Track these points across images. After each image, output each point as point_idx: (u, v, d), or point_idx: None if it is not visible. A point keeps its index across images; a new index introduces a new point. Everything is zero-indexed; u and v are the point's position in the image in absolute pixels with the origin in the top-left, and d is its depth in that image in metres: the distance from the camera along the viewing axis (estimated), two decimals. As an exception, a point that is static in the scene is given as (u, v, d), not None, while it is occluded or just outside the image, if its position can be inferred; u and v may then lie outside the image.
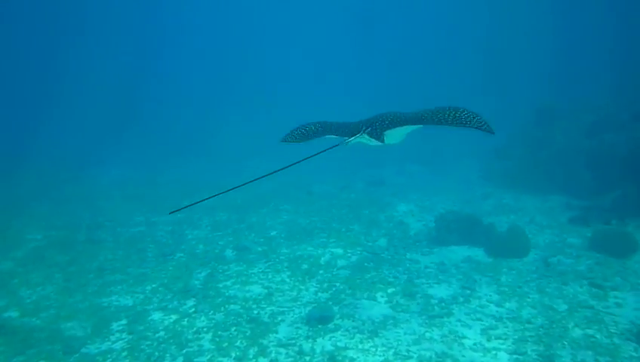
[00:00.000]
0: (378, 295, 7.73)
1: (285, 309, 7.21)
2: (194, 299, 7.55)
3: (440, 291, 7.89)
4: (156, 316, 6.97)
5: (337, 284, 8.14)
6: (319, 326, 6.69)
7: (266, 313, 7.09)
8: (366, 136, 4.65)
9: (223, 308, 7.22)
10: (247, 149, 23.79)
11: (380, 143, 4.67)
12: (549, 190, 14.22)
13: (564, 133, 15.83)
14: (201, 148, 25.07)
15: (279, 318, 6.93)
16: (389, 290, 7.91)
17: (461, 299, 7.57)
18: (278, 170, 4.10)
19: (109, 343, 6.17)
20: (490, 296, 7.70)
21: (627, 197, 11.62)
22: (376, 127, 4.65)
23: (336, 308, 7.24)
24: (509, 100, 25.71)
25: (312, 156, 4.21)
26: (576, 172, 14.04)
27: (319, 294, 7.77)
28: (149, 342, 6.18)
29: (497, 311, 7.14)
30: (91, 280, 8.43)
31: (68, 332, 6.42)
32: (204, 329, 6.54)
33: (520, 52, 36.74)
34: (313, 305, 7.36)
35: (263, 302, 7.44)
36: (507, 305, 7.36)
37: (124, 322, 6.75)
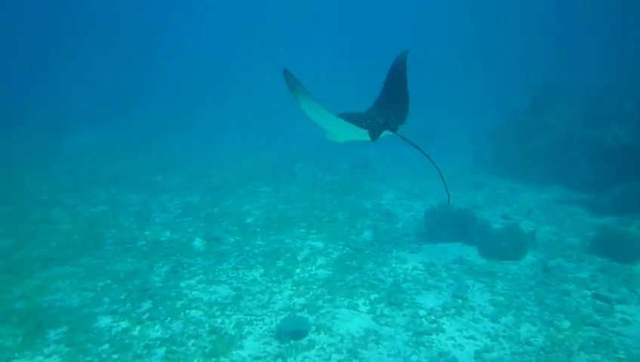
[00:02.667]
0: (360, 302, 6.85)
1: (254, 318, 6.30)
2: (150, 302, 6.59)
3: (429, 299, 7.04)
4: (103, 322, 6.01)
5: (315, 287, 7.24)
6: (291, 342, 5.80)
7: (231, 322, 6.17)
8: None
9: (182, 314, 6.29)
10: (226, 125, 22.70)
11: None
12: (545, 180, 13.45)
13: (562, 120, 14.99)
14: (186, 123, 23.79)
15: (246, 329, 6.02)
16: (373, 296, 7.04)
17: (452, 311, 6.74)
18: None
19: (41, 358, 5.21)
20: (485, 307, 6.88)
21: (631, 193, 10.85)
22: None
23: (312, 318, 6.35)
24: (504, 84, 24.77)
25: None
26: (575, 162, 13.23)
27: (294, 299, 6.86)
28: (88, 359, 5.23)
29: (493, 329, 6.33)
30: (35, 272, 7.41)
31: (-5, 341, 5.44)
32: (157, 343, 5.60)
33: (516, 37, 35.72)
34: (286, 313, 6.46)
35: (229, 308, 6.51)
36: (503, 319, 6.56)
37: (63, 329, 5.78)
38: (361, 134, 4.25)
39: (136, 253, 8.36)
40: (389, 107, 4.53)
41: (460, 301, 7.02)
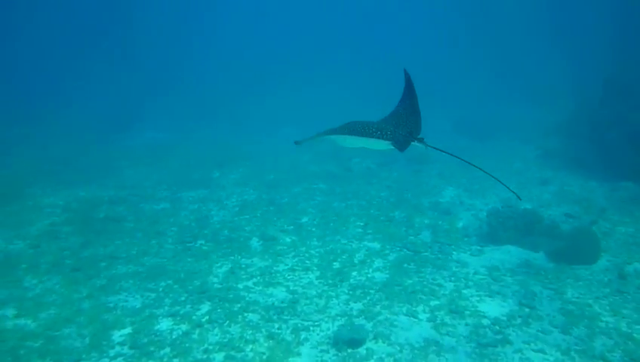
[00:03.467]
0: (419, 309, 6.63)
1: (310, 324, 6.23)
2: (209, 304, 6.67)
3: (493, 307, 6.70)
4: (164, 325, 6.13)
5: (372, 292, 7.08)
6: (348, 351, 5.68)
7: (288, 327, 6.14)
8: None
9: (240, 318, 6.31)
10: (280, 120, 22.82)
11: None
12: (618, 176, 12.50)
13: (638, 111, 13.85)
14: (236, 117, 24.14)
15: (303, 336, 5.96)
16: (432, 303, 6.79)
17: (519, 320, 6.38)
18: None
19: (106, 360, 5.38)
20: (554, 316, 6.47)
21: None
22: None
23: (369, 325, 6.20)
24: (574, 71, 23.28)
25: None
26: (654, 158, 12.22)
27: (351, 304, 6.74)
28: (150, 363, 5.35)
29: (564, 341, 5.93)
30: (102, 271, 7.70)
31: (64, 341, 5.68)
32: (216, 348, 5.65)
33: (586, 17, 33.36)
34: (344, 318, 6.35)
35: (286, 312, 6.48)
36: (575, 331, 6.13)
37: (127, 331, 5.95)
38: (384, 145, 4.86)
39: (195, 252, 8.52)
40: (404, 120, 5.14)
41: (526, 309, 6.64)
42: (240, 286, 7.22)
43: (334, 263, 8.08)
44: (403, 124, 5.12)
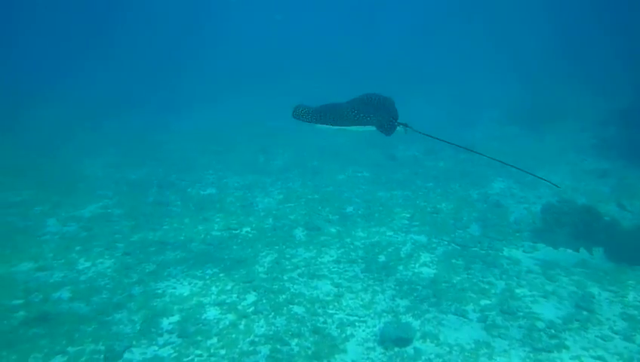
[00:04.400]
0: (469, 308, 6.41)
1: (356, 319, 6.13)
2: (255, 294, 6.68)
3: (548, 309, 6.40)
4: (211, 313, 6.19)
5: (419, 288, 6.90)
6: (395, 350, 5.56)
7: (333, 322, 6.07)
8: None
9: (285, 310, 6.29)
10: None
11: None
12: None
13: None
14: (272, 100, 24.11)
15: (349, 332, 5.88)
16: (483, 302, 6.55)
17: (576, 324, 6.07)
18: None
19: (156, 348, 5.48)
20: (615, 321, 6.12)
21: None
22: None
23: (416, 323, 6.05)
24: (634, 57, 21.85)
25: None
26: None
27: (397, 300, 6.59)
28: (198, 352, 5.40)
29: (626, 349, 5.60)
30: (151, 256, 7.85)
31: (116, 326, 5.82)
32: (262, 340, 5.65)
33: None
34: (390, 315, 6.22)
35: (331, 306, 6.41)
36: (639, 339, 5.77)
37: (176, 319, 6.04)
38: (367, 129, 5.32)
39: (241, 240, 8.56)
40: (378, 107, 5.54)
41: (584, 313, 6.31)
42: (285, 277, 7.20)
43: (380, 256, 7.94)
44: (381, 108, 5.55)
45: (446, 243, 8.44)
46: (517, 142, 15.94)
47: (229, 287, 6.87)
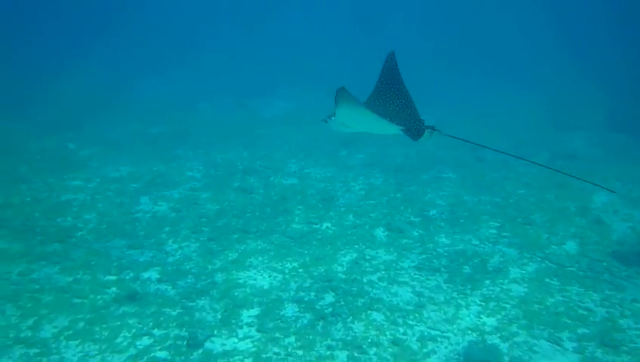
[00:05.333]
0: (564, 335, 5.89)
1: (438, 334, 5.84)
2: (333, 295, 6.58)
3: (657, 348, 5.73)
4: (289, 310, 6.17)
5: (508, 307, 6.46)
6: (480, 373, 5.22)
7: (414, 334, 5.82)
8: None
9: (364, 316, 6.14)
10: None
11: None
12: None
13: None
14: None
15: (430, 347, 5.61)
16: (580, 331, 6.00)
17: (690, 370, 5.38)
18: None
19: (235, 340, 5.54)
20: None
21: None
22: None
23: (504, 346, 5.66)
24: None
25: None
26: None
27: (483, 318, 6.21)
28: (276, 350, 5.39)
29: None
30: (234, 243, 8.00)
31: (198, 313, 5.96)
32: (340, 345, 5.54)
33: None
34: (475, 333, 5.87)
35: (411, 317, 6.16)
36: None
37: (255, 312, 6.08)
38: (392, 129, 5.03)
39: (321, 236, 8.49)
40: (403, 104, 5.32)
41: (700, 357, 5.58)
42: (364, 279, 7.03)
43: (464, 267, 7.54)
44: (405, 108, 5.31)
45: (539, 259, 7.85)
46: (624, 152, 14.58)
47: (307, 284, 6.82)
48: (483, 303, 6.53)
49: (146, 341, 5.41)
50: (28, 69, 24.27)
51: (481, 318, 6.20)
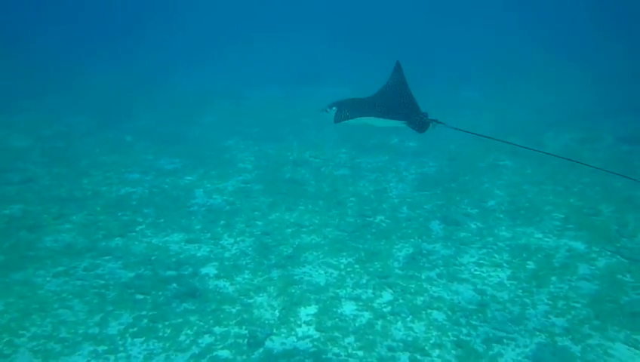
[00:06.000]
0: (642, 338, 5.52)
1: (504, 335, 5.60)
2: (391, 292, 6.44)
3: None
4: (347, 308, 6.08)
5: (578, 306, 6.11)
6: (551, 379, 4.97)
7: (478, 335, 5.61)
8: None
9: (424, 314, 5.97)
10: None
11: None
12: None
13: None
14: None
15: (496, 349, 5.39)
16: (660, 334, 5.60)
17: None
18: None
19: (294, 339, 5.51)
20: None
21: None
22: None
23: (576, 349, 5.36)
24: None
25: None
26: None
27: (552, 318, 5.90)
28: (335, 351, 5.32)
29: None
30: (288, 238, 7.97)
31: (257, 311, 5.98)
32: (401, 346, 5.41)
33: None
34: (543, 334, 5.59)
35: (474, 316, 5.94)
36: None
37: (313, 310, 6.03)
38: (398, 124, 5.65)
39: (375, 229, 8.34)
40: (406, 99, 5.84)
41: None
42: (422, 275, 6.84)
43: (528, 262, 7.20)
44: (408, 103, 5.79)
45: (609, 253, 7.40)
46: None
47: (364, 281, 6.71)
48: (551, 302, 6.21)
49: (207, 339, 5.47)
50: (76, 63, 25.00)
51: (549, 318, 5.90)
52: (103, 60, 25.41)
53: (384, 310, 6.06)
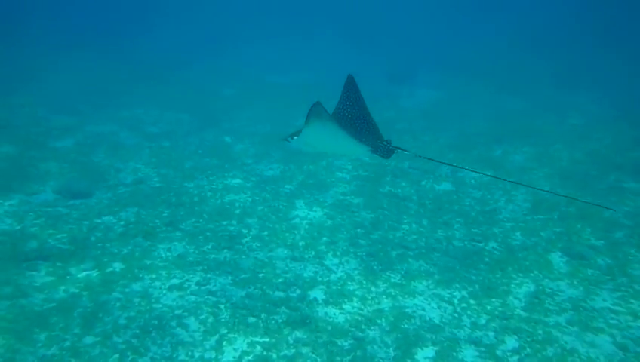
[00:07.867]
0: None
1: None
2: (516, 338, 5.92)
3: None
4: (468, 354, 5.66)
5: None
6: None
7: (622, 403, 4.98)
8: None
9: (556, 370, 5.42)
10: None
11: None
12: None
13: None
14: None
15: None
16: None
17: None
18: None
19: (415, 387, 5.19)
20: None
21: None
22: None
23: None
24: None
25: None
26: None
27: None
28: (460, 405, 4.94)
29: None
30: (395, 263, 7.64)
31: (370, 347, 5.72)
32: (532, 407, 4.92)
33: None
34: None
35: (616, 379, 5.30)
36: None
37: (430, 353, 5.67)
38: (363, 150, 5.21)
39: (488, 259, 7.78)
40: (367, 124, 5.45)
41: None
42: (550, 321, 6.24)
43: (673, 314, 6.35)
44: (369, 129, 5.41)
45: None
46: None
47: (483, 322, 6.24)
48: None
49: (322, 377, 5.30)
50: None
51: None
52: (198, 55, 26.28)
53: (510, 360, 5.56)
